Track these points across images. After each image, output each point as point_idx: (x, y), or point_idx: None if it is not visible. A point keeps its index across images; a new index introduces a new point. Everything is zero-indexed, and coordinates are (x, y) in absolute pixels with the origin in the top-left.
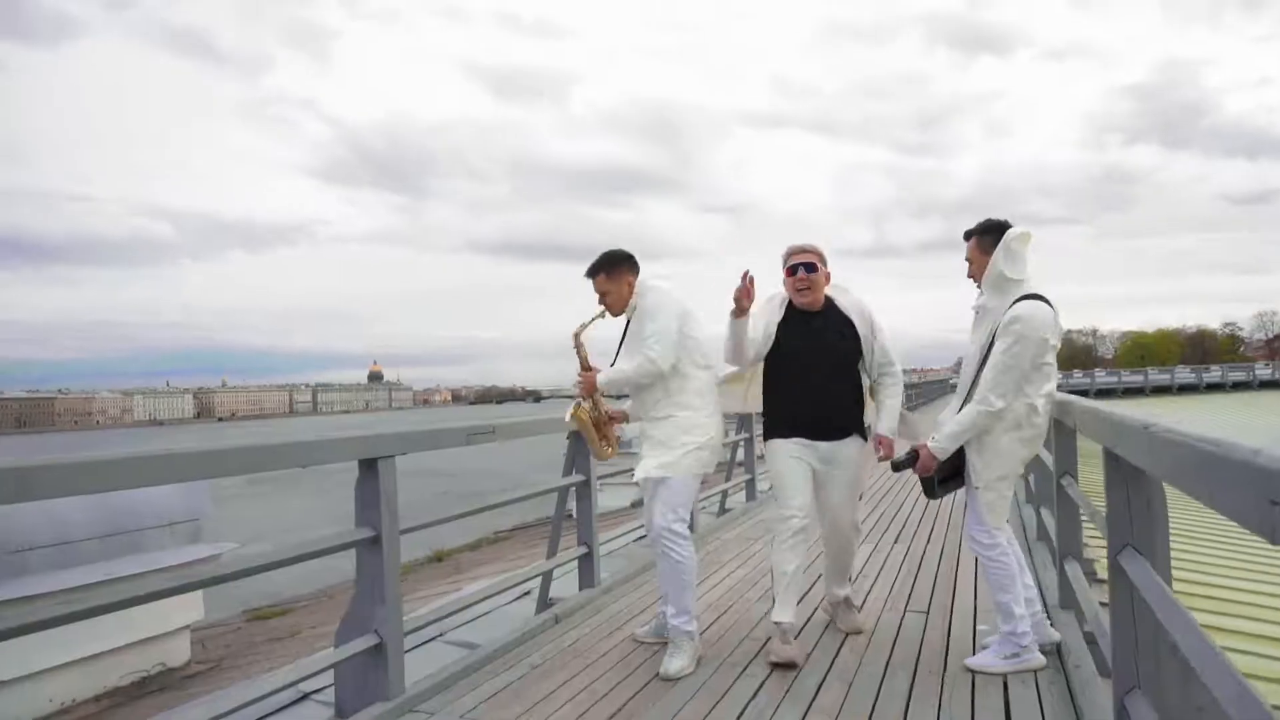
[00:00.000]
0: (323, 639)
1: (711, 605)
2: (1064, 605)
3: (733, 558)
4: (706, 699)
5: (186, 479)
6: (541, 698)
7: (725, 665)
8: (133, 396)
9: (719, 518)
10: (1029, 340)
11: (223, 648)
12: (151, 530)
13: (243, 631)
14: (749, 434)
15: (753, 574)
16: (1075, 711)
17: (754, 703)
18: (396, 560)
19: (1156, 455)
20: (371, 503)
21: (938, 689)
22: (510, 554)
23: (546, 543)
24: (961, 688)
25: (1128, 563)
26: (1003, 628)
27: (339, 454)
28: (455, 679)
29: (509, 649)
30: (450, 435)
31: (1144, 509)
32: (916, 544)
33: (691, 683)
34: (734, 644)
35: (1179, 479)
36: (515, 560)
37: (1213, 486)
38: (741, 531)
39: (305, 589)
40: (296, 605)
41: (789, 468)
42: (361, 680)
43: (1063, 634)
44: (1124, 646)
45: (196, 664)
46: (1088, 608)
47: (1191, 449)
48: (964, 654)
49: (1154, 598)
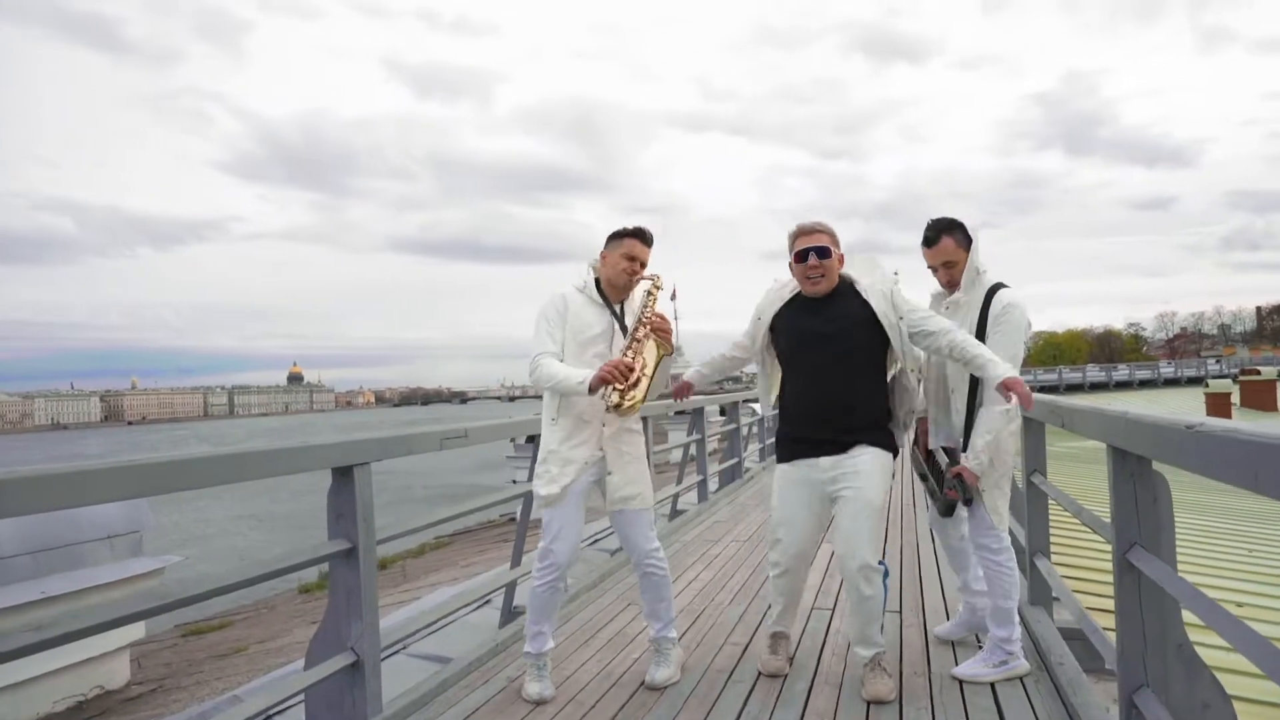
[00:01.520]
0: (274, 655)
1: (684, 610)
2: (1034, 601)
3: (695, 560)
4: (698, 708)
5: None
6: (526, 713)
7: (710, 672)
8: (34, 400)
9: (671, 521)
10: (1021, 327)
11: (162, 666)
12: (90, 544)
13: (180, 649)
14: (700, 435)
15: (719, 576)
16: (1067, 709)
17: (746, 710)
18: (374, 573)
19: (1214, 458)
20: (347, 513)
21: (926, 690)
22: (460, 560)
23: (495, 548)
24: (950, 688)
25: (1138, 560)
26: (998, 633)
27: (311, 462)
28: (432, 695)
29: (483, 662)
30: (424, 440)
31: (1151, 506)
32: (889, 546)
33: (679, 691)
34: (714, 649)
35: (1266, 484)
36: (467, 567)
37: None
38: (700, 534)
39: (241, 600)
40: (233, 619)
41: (781, 500)
42: (337, 700)
43: (1038, 631)
44: (1132, 644)
45: (136, 685)
46: (1071, 605)
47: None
48: (945, 654)
49: (1176, 589)
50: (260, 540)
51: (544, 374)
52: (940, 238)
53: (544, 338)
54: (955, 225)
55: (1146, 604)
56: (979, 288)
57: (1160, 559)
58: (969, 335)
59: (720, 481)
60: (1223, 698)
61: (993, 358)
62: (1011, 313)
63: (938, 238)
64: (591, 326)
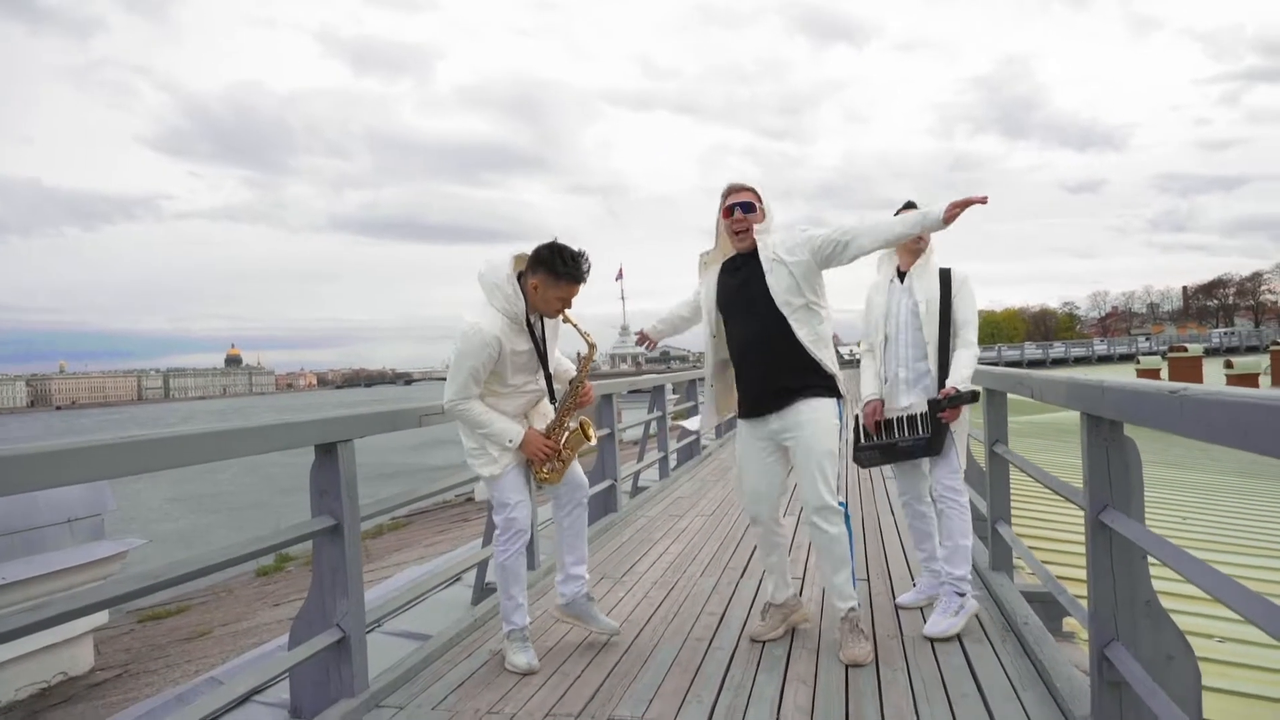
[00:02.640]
0: (242, 637)
1: (658, 582)
2: (996, 567)
3: (663, 535)
4: (681, 675)
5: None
6: (513, 684)
7: (690, 640)
8: None
9: (633, 498)
10: (975, 296)
11: (122, 652)
12: (50, 528)
13: (138, 634)
14: (662, 412)
15: (689, 549)
16: (1034, 665)
17: (730, 675)
18: (358, 549)
19: (1197, 420)
20: (331, 490)
21: (901, 651)
22: (421, 540)
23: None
24: (923, 648)
25: (1111, 520)
26: (955, 571)
27: (294, 439)
28: (416, 670)
29: (463, 637)
30: (404, 417)
31: (1124, 471)
32: None
33: (663, 659)
34: (692, 618)
35: (1246, 440)
36: (431, 546)
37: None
38: (665, 509)
39: (193, 585)
40: (189, 603)
41: (740, 452)
42: (323, 677)
43: (1002, 594)
44: (1104, 601)
45: (100, 671)
46: (1036, 568)
47: (1267, 408)
48: (915, 617)
49: (1151, 546)
50: (201, 523)
51: (473, 419)
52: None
53: (469, 385)
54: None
55: (1118, 563)
56: (932, 265)
57: (1132, 519)
58: (874, 219)
59: (679, 459)
60: (1186, 649)
61: (919, 212)
62: (968, 284)
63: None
64: (519, 358)
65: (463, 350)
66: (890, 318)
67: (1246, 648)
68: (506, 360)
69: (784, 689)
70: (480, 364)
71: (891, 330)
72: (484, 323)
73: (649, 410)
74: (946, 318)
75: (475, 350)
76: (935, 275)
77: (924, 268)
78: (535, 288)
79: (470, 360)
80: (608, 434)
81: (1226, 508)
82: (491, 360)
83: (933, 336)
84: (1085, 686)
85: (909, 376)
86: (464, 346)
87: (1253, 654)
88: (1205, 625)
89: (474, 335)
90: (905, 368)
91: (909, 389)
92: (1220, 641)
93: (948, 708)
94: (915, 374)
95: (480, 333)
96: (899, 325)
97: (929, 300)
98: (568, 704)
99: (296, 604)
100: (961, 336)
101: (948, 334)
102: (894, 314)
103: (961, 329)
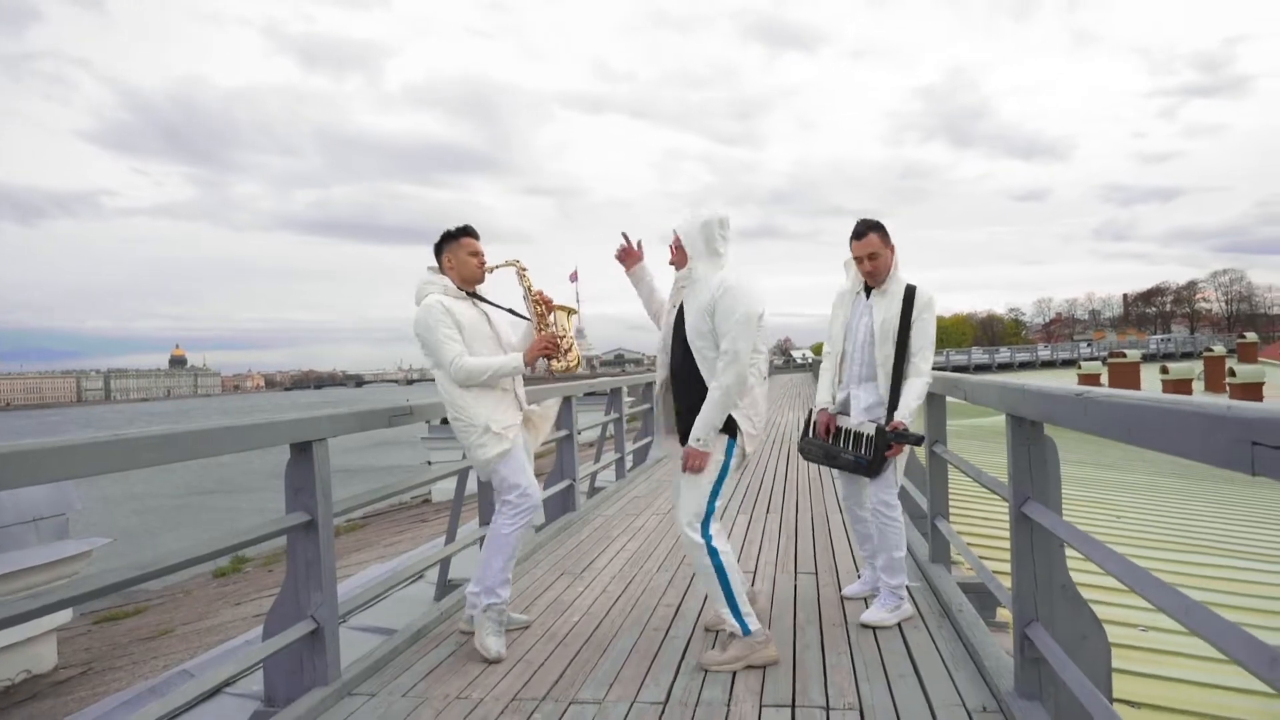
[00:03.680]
0: (207, 635)
1: (617, 576)
2: (935, 559)
3: (620, 533)
4: (639, 662)
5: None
6: (480, 672)
7: (648, 630)
8: None
9: (590, 498)
10: (934, 320)
11: (82, 652)
12: (14, 527)
13: (97, 634)
14: (618, 414)
15: (645, 546)
16: (966, 647)
17: (685, 662)
18: (332, 544)
19: (1099, 418)
20: (305, 487)
21: (845, 638)
22: (381, 540)
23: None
24: (866, 636)
25: (1032, 512)
26: (890, 581)
27: (270, 438)
28: (386, 660)
29: (429, 629)
30: (374, 417)
31: (1043, 466)
32: (787, 513)
33: (622, 646)
34: (649, 610)
35: (1134, 437)
36: (391, 546)
37: (1180, 439)
38: (622, 508)
39: (149, 587)
40: (147, 605)
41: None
42: (296, 667)
43: (939, 585)
44: (1025, 585)
45: (64, 670)
46: (970, 558)
47: (1157, 409)
48: (858, 607)
49: (1066, 535)
50: (148, 523)
51: (476, 369)
52: (868, 233)
53: (450, 343)
54: (881, 225)
55: (1038, 550)
56: (897, 283)
57: (1050, 510)
58: (737, 368)
59: (635, 460)
60: (1099, 628)
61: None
62: (932, 307)
63: (866, 232)
64: (472, 322)
65: (429, 322)
66: (850, 334)
67: (1165, 635)
68: (463, 328)
69: (736, 673)
70: (443, 323)
71: (850, 347)
72: (430, 298)
73: (606, 412)
74: (904, 338)
75: (438, 317)
76: (899, 295)
77: (887, 288)
78: (449, 261)
79: (440, 326)
80: (566, 435)
81: (1158, 507)
82: (449, 317)
83: (885, 360)
84: (1010, 665)
85: (861, 395)
86: (427, 318)
87: (1168, 640)
88: (1134, 616)
89: (429, 308)
90: (859, 385)
91: (859, 404)
92: (1144, 630)
93: (886, 687)
94: (866, 394)
95: (431, 304)
96: (857, 344)
97: (886, 320)
98: (532, 689)
99: (259, 602)
100: (913, 364)
101: (902, 358)
102: (854, 331)
103: (915, 355)
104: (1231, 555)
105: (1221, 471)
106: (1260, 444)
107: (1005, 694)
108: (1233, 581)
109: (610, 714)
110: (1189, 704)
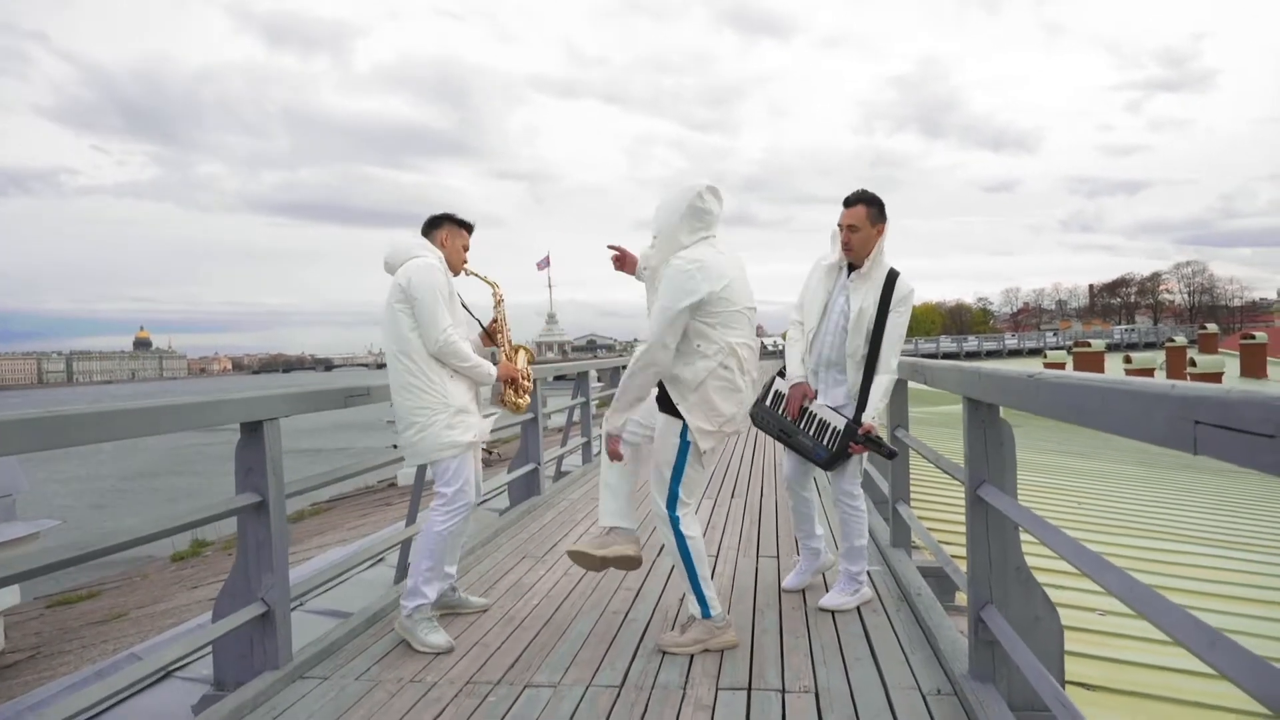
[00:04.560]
0: (160, 618)
1: None
2: (895, 544)
3: (585, 516)
4: (598, 645)
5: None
6: (435, 655)
7: (607, 613)
8: None
9: (556, 482)
10: (908, 315)
11: (32, 636)
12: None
13: (48, 618)
14: (585, 398)
15: None
16: (923, 630)
17: (643, 644)
18: (284, 525)
19: (1049, 400)
20: (256, 467)
21: (804, 622)
22: (344, 524)
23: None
24: (825, 619)
25: (987, 494)
26: (851, 568)
27: (219, 417)
28: (340, 644)
29: (386, 613)
30: (329, 397)
31: (998, 449)
32: (751, 498)
33: (580, 630)
34: (610, 593)
35: (1083, 417)
36: (354, 529)
37: (1126, 419)
38: (586, 492)
39: (104, 570)
40: (101, 588)
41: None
42: (246, 650)
43: (899, 569)
44: (980, 568)
45: (12, 654)
46: (929, 542)
47: (1102, 390)
48: (818, 591)
49: (1019, 517)
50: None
51: (462, 352)
52: (857, 203)
53: (446, 316)
54: (874, 200)
55: (992, 533)
56: (880, 268)
57: (1005, 493)
58: (641, 376)
59: (600, 444)
60: (1051, 610)
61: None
62: (909, 301)
63: (856, 202)
64: (452, 297)
65: (432, 283)
66: (826, 315)
67: (1120, 620)
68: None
69: (693, 656)
70: (443, 294)
71: (823, 329)
72: (431, 259)
73: (573, 396)
74: (880, 326)
75: (436, 281)
76: (879, 283)
77: (869, 272)
78: (445, 239)
79: (437, 291)
80: (532, 419)
81: (1120, 493)
82: (449, 288)
83: (855, 352)
84: (965, 647)
85: (828, 378)
86: (432, 279)
87: (1122, 624)
88: (1090, 600)
89: (432, 268)
90: (826, 371)
91: (826, 390)
92: (1102, 614)
93: (843, 670)
94: (833, 379)
95: (432, 265)
96: (830, 325)
97: (863, 310)
98: (488, 673)
99: (216, 586)
100: (882, 359)
101: (875, 348)
102: (830, 313)
103: (884, 350)
104: (1187, 540)
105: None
106: (1202, 423)
107: (959, 676)
108: (1186, 566)
109: (565, 697)
110: (1141, 686)
